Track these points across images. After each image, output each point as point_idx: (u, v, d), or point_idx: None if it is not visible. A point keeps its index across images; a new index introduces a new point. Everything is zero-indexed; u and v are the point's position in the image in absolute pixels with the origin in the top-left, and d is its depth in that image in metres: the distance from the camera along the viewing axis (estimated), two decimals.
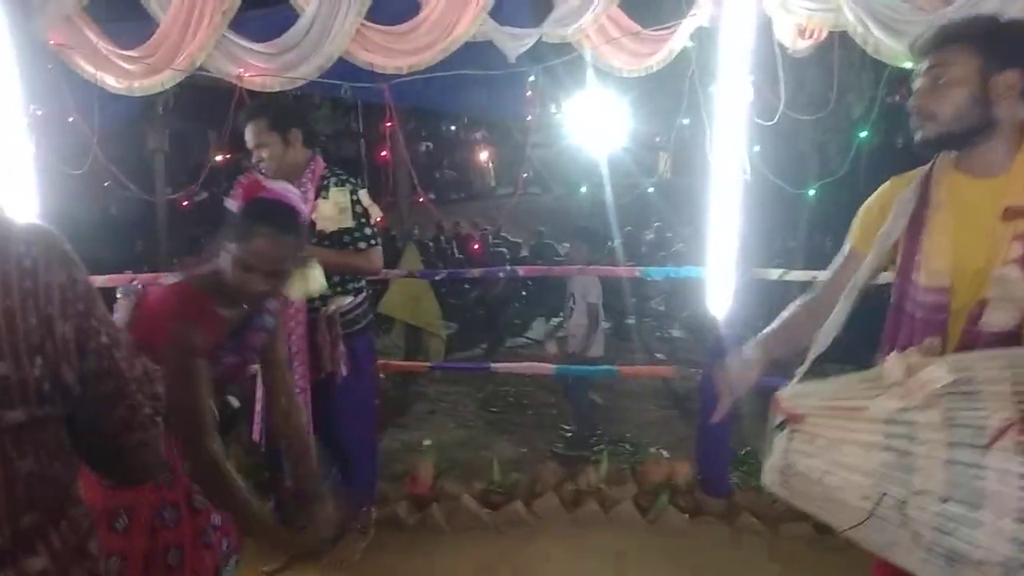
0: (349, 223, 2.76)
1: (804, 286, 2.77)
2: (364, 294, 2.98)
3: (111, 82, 3.06)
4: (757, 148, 3.16)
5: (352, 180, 2.83)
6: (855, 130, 6.07)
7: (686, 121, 3.15)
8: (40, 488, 0.77)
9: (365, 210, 2.80)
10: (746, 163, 2.93)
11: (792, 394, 1.43)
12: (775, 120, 3.05)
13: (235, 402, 2.34)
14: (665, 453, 3.99)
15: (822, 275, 1.81)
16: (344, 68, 3.16)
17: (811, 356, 1.56)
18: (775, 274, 3.58)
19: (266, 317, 1.95)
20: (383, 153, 4.39)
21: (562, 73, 3.52)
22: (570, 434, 4.52)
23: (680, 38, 3.05)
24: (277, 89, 3.10)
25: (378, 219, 2.87)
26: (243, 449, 3.32)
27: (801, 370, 1.53)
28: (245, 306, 1.84)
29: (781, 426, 1.41)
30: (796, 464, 1.37)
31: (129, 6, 3.08)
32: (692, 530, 3.18)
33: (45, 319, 0.76)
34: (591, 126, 4.89)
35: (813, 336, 1.61)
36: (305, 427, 2.02)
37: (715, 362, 3.02)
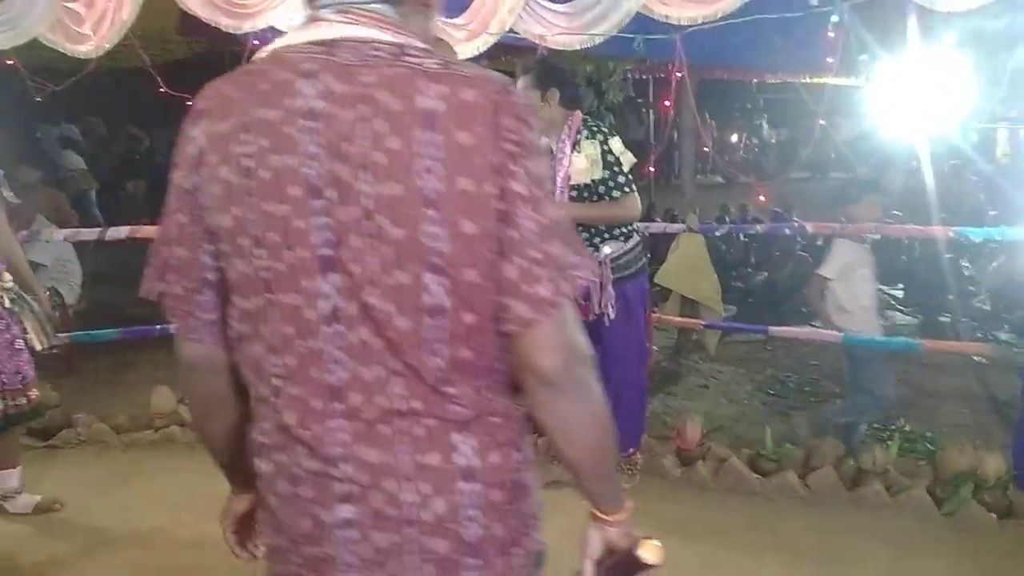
0: (600, 174, 2.83)
1: None
2: (635, 238, 3.03)
3: None
4: None
5: (604, 130, 2.90)
6: None
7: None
8: None
9: (617, 158, 2.85)
10: None
11: None
12: None
13: None
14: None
15: None
16: (638, 25, 3.26)
17: None
18: None
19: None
20: (666, 103, 4.37)
21: (871, 27, 3.22)
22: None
23: None
24: (577, 47, 3.29)
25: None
26: None
27: None
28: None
29: None
30: None
31: None
32: (999, 532, 2.78)
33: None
34: (911, 96, 4.36)
35: None
36: None
37: None
